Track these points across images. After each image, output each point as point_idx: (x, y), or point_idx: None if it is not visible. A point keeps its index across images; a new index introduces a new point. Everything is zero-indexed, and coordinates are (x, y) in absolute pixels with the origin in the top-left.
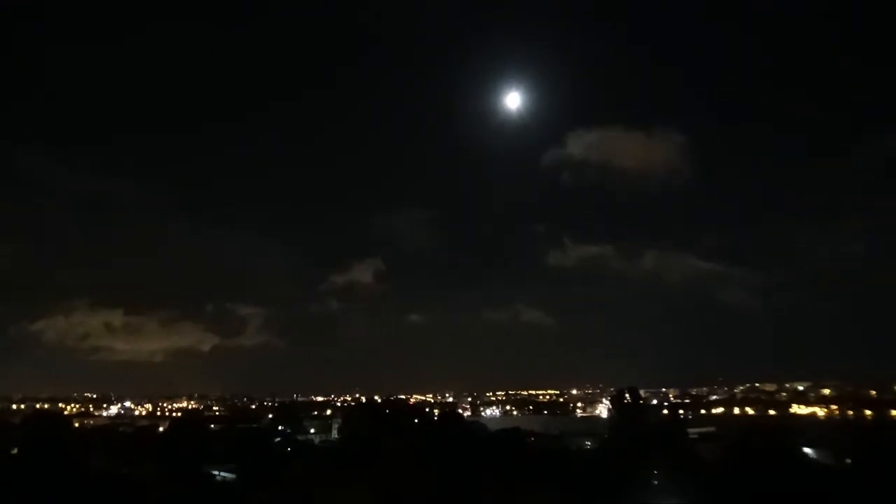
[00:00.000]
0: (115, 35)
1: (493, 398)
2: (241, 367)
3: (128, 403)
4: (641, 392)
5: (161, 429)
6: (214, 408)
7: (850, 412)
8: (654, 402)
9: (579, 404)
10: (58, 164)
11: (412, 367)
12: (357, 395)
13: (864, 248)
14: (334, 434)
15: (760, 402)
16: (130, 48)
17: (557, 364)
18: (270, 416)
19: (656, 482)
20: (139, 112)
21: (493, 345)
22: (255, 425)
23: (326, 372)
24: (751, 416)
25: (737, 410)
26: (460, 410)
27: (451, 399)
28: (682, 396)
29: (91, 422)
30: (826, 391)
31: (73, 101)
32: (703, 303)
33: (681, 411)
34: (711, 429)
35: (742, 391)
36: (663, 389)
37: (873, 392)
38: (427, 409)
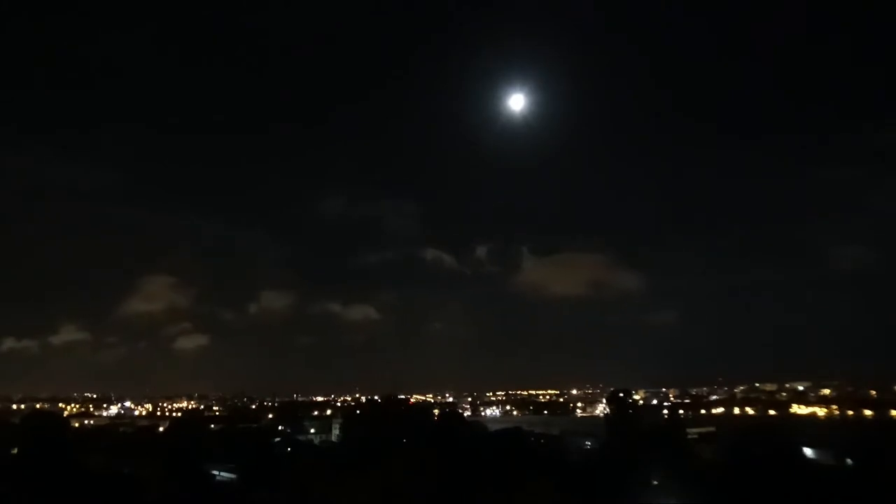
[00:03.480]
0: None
1: (493, 398)
2: (241, 366)
3: (128, 403)
4: (641, 392)
5: (161, 429)
6: (214, 408)
7: (850, 412)
8: (654, 402)
9: (579, 404)
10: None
11: (412, 367)
12: (357, 395)
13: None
14: (334, 434)
15: (760, 402)
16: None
17: (557, 364)
18: (270, 416)
19: (656, 482)
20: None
21: (493, 344)
22: (255, 425)
23: (327, 372)
24: (751, 416)
25: (737, 410)
26: (460, 410)
27: (451, 399)
28: (682, 396)
29: (91, 422)
30: (826, 391)
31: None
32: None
33: (681, 411)
34: (711, 429)
35: (742, 391)
36: (663, 389)
37: (873, 392)
38: (427, 409)
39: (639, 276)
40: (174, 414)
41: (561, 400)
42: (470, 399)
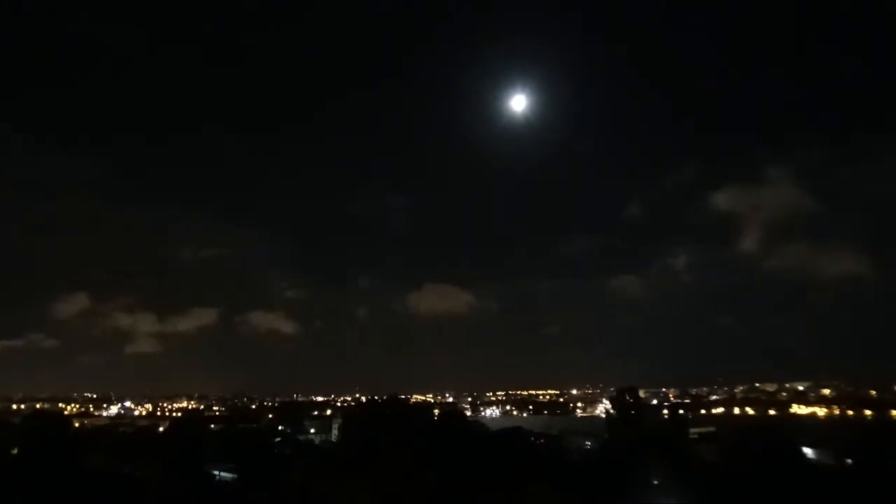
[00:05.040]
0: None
1: (493, 398)
2: (242, 365)
3: (128, 403)
4: (641, 392)
5: (161, 429)
6: (214, 408)
7: (850, 412)
8: (654, 402)
9: (579, 404)
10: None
11: (412, 366)
12: (357, 395)
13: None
14: (334, 434)
15: (760, 402)
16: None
17: (557, 364)
18: (270, 416)
19: (656, 482)
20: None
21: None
22: (254, 425)
23: (326, 372)
24: (751, 416)
25: (737, 410)
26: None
27: (451, 399)
28: (682, 396)
29: (91, 422)
30: (826, 391)
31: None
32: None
33: (681, 411)
34: (711, 429)
35: (742, 391)
36: (663, 389)
37: (873, 392)
38: (427, 409)
39: (639, 274)
40: (174, 414)
41: (561, 400)
42: (470, 399)
